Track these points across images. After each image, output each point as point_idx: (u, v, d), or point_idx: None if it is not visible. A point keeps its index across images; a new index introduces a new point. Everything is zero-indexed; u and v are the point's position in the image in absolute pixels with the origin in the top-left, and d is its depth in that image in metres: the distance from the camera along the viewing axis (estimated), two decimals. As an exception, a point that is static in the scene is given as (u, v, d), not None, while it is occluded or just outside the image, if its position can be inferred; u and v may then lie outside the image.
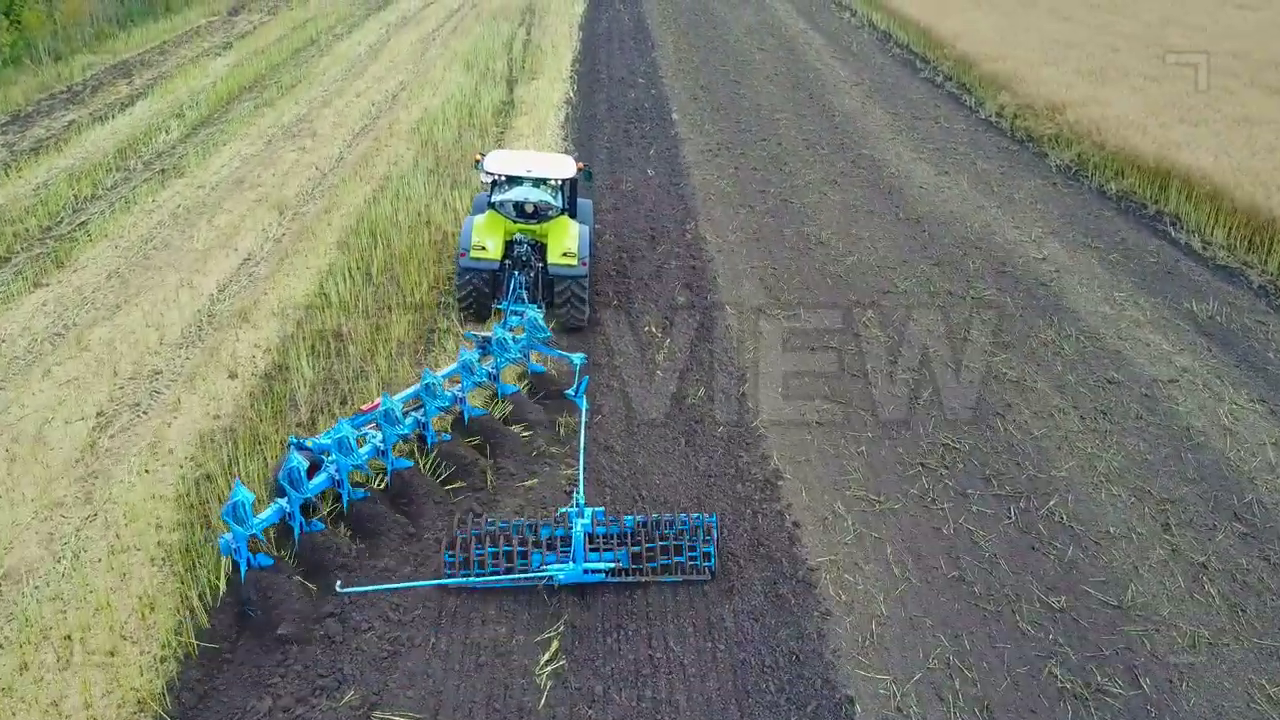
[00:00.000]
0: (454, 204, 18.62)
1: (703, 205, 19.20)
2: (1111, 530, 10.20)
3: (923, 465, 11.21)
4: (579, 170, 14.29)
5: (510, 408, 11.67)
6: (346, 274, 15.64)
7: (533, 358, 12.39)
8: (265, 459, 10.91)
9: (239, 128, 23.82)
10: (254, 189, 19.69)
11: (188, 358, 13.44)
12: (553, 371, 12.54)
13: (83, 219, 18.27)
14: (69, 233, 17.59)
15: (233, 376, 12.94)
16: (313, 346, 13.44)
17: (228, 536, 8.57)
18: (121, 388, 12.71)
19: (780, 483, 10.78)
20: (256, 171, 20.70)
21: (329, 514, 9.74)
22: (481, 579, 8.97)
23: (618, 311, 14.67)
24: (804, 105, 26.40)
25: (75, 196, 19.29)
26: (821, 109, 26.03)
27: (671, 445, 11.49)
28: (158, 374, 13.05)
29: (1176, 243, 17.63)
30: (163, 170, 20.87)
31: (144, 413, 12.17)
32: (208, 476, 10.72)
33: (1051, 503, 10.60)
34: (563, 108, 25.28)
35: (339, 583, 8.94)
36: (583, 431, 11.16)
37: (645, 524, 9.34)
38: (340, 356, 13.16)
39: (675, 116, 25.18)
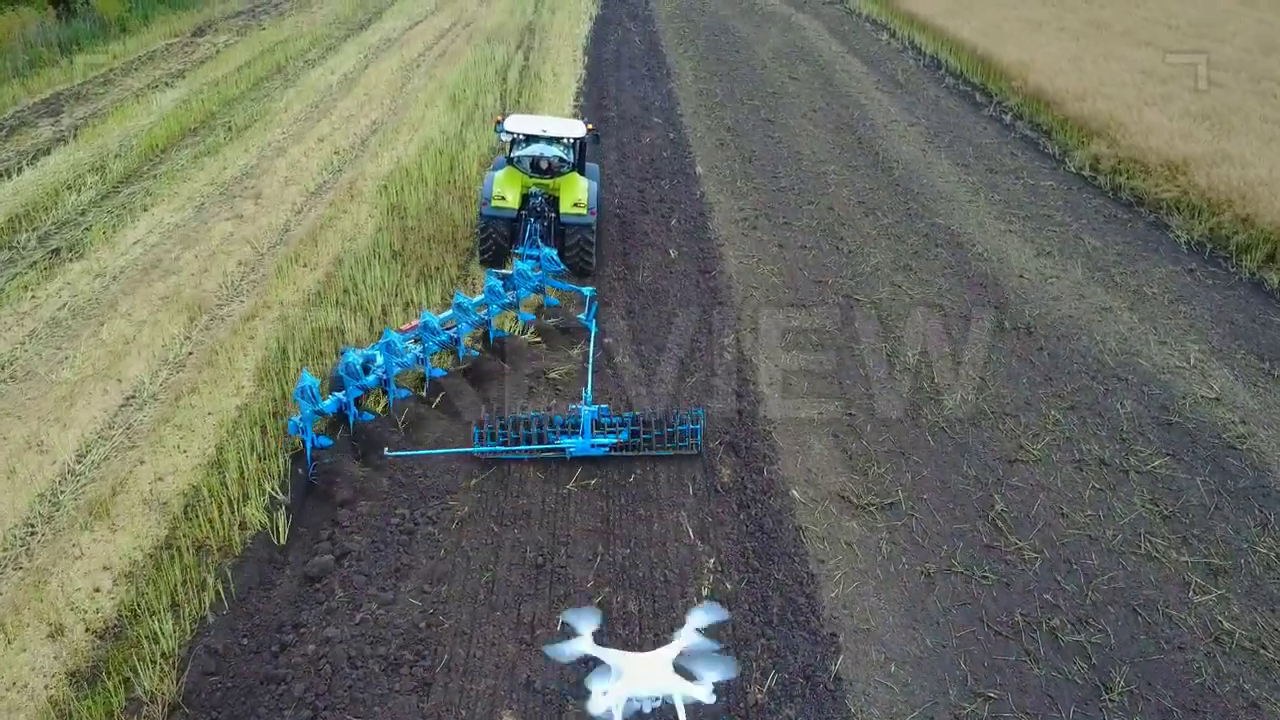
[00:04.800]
0: (420, 301, 14.27)
1: (743, 305, 14.75)
2: None
3: None
4: (588, 132, 15.73)
5: (529, 331, 13.50)
6: (259, 428, 11.26)
7: (548, 292, 14.05)
8: None
9: (168, 186, 19.42)
10: (166, 279, 15.29)
11: (-1, 592, 9.06)
12: (564, 305, 14.14)
13: (-68, 328, 13.92)
14: (-98, 354, 13.23)
15: (55, 635, 8.54)
16: (184, 579, 9.04)
17: (296, 418, 10.20)
18: (-119, 658, 8.33)
19: None
20: (175, 252, 16.30)
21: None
22: (506, 450, 10.60)
23: (634, 497, 10.21)
24: (853, 153, 21.95)
25: (-67, 292, 14.94)
26: (875, 158, 21.57)
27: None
28: (-56, 627, 8.67)
29: (1386, 370, 13.19)
30: (57, 250, 16.46)
31: (-103, 717, 7.80)
32: None
33: None
34: (564, 158, 20.85)
35: (386, 448, 10.63)
36: (592, 344, 12.96)
37: (643, 416, 10.85)
38: (223, 599, 8.73)
39: (699, 169, 20.74)
